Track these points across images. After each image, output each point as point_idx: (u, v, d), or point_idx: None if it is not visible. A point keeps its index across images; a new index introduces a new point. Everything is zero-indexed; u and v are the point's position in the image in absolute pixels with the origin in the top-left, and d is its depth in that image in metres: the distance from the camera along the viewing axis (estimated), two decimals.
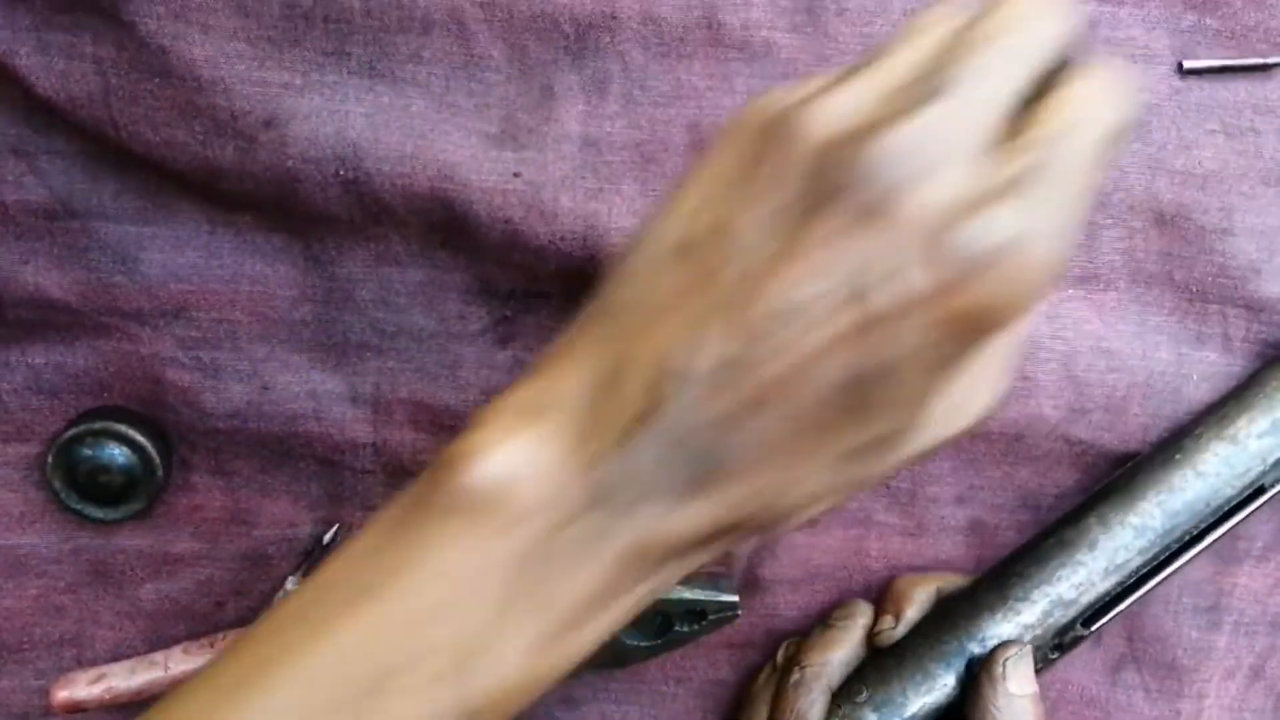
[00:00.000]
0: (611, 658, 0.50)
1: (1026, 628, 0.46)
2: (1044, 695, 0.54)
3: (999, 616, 0.47)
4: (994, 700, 0.45)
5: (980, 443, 0.50)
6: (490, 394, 0.48)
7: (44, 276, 0.45)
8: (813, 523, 0.28)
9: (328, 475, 0.49)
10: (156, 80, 0.41)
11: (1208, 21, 0.45)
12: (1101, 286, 0.49)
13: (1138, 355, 0.49)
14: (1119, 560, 0.46)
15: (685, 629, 0.49)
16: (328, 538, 0.50)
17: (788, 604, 0.52)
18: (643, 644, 0.50)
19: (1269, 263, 0.48)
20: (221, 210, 0.45)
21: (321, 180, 0.43)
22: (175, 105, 0.42)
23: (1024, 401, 0.49)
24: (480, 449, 0.28)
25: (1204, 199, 0.47)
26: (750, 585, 0.51)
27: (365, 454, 0.49)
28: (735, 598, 0.49)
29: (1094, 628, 0.47)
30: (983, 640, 0.46)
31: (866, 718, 0.46)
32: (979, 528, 0.52)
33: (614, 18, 0.42)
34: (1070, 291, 0.49)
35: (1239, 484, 0.46)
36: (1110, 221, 0.48)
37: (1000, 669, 0.45)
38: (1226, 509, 0.46)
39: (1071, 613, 0.46)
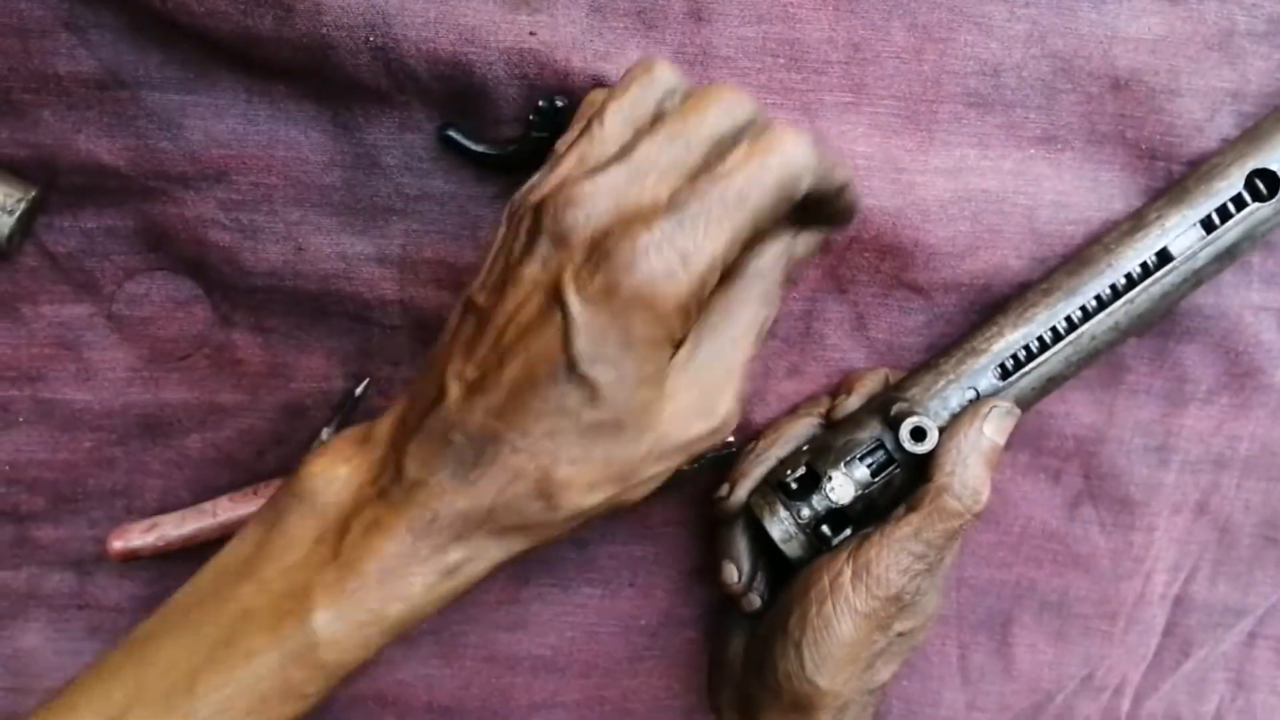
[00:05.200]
0: None
1: (943, 374, 0.51)
2: (1008, 530, 0.60)
3: (925, 377, 0.51)
4: (966, 432, 0.48)
5: (952, 294, 0.55)
6: None
7: (95, 144, 0.49)
8: (590, 524, 0.38)
9: (359, 332, 0.53)
10: None
11: None
12: (1059, 146, 0.53)
13: (1094, 207, 0.54)
14: (1030, 322, 0.51)
15: (684, 469, 0.54)
16: (359, 391, 0.54)
17: None
18: None
19: (1210, 121, 0.53)
20: (258, 79, 0.48)
21: (353, 47, 0.46)
22: None
23: (990, 253, 0.54)
24: (309, 462, 0.39)
25: (1154, 62, 0.52)
26: (742, 429, 0.56)
27: (393, 311, 0.53)
28: (730, 438, 0.54)
29: (1010, 380, 0.50)
30: (917, 401, 0.50)
31: (801, 461, 0.50)
32: None
33: None
34: (1031, 151, 0.53)
35: (1135, 262, 0.50)
36: (1069, 87, 0.52)
37: (986, 409, 0.48)
38: (1125, 286, 0.50)
39: (983, 360, 0.50)
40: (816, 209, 0.40)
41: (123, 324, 0.52)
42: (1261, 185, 0.50)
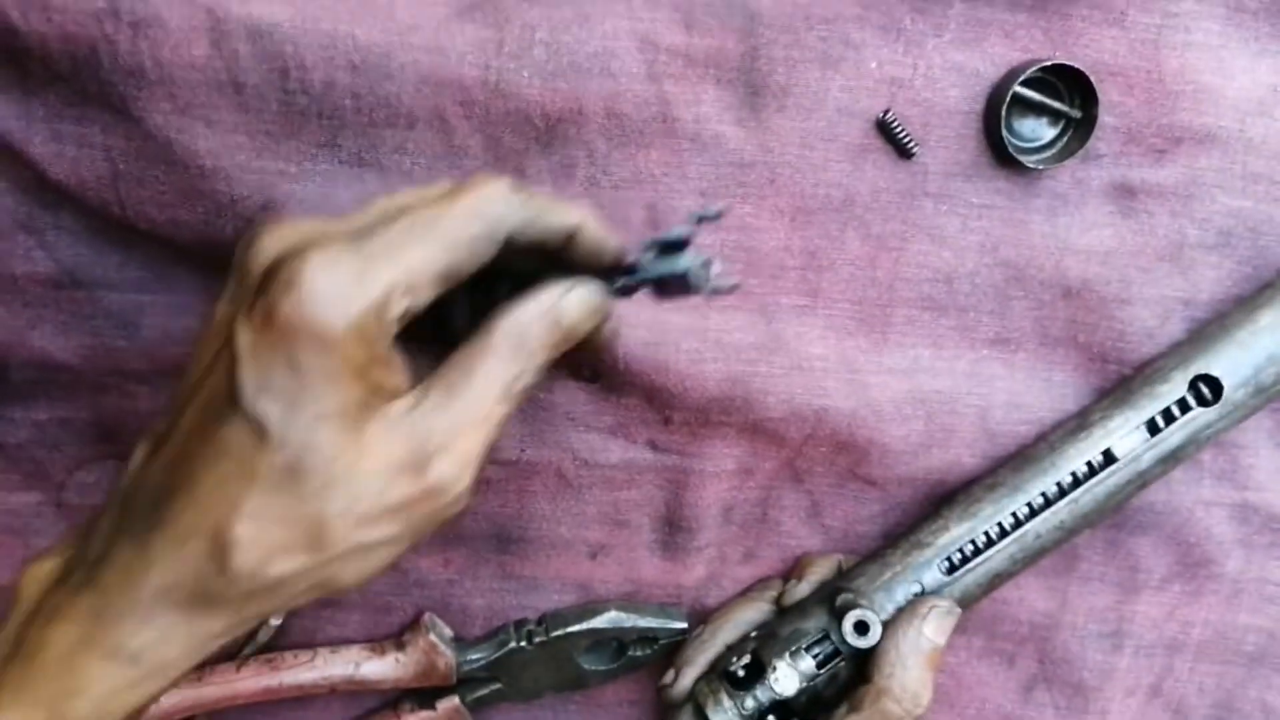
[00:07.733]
0: (572, 681, 0.54)
1: (889, 566, 0.51)
2: (963, 712, 0.59)
3: (872, 568, 0.51)
4: (905, 633, 0.47)
5: (906, 487, 0.55)
6: None
7: (49, 341, 0.49)
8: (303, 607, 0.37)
9: None
10: (162, 167, 0.45)
11: (1106, 119, 0.51)
12: (1012, 348, 0.54)
13: (1046, 408, 0.54)
14: (975, 518, 0.51)
15: (639, 653, 0.54)
16: None
17: None
18: (601, 668, 0.54)
19: (1161, 328, 0.54)
20: (217, 280, 0.48)
21: None
22: (179, 189, 0.45)
23: (944, 451, 0.54)
24: (27, 563, 0.36)
25: (1106, 272, 0.53)
26: (697, 614, 0.55)
27: None
28: (684, 624, 0.54)
29: (955, 575, 0.50)
30: (862, 592, 0.50)
31: (747, 650, 0.50)
32: None
33: (580, 113, 0.47)
34: (985, 352, 0.54)
35: (1080, 461, 0.51)
36: (1022, 294, 0.53)
37: (925, 609, 0.48)
38: (1070, 485, 0.51)
39: (929, 554, 0.50)
40: (573, 262, 0.38)
41: (72, 512, 0.52)
42: (1205, 389, 0.50)
